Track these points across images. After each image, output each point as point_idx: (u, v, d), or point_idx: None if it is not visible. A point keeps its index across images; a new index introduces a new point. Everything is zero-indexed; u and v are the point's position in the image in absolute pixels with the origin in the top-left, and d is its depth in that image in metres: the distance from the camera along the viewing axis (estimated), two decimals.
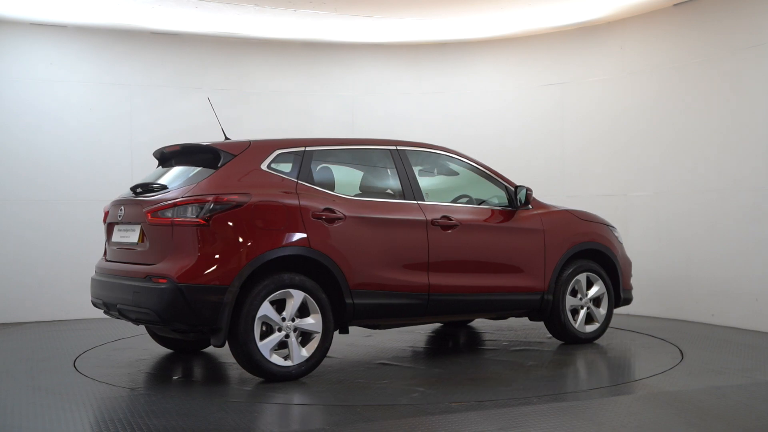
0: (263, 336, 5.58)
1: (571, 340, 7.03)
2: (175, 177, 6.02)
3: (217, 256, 5.46)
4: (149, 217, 5.63)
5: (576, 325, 7.01)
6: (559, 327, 6.98)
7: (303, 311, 5.72)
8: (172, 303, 5.39)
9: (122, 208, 6.05)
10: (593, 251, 7.13)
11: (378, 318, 6.18)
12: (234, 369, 6.22)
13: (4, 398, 5.37)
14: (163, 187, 5.87)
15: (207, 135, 6.95)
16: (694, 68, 8.48)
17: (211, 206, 5.50)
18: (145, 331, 6.91)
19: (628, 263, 7.46)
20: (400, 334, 7.76)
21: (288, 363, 5.64)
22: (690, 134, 8.51)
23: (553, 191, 9.24)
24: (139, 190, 6.02)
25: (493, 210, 6.78)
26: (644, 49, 9.09)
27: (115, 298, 5.88)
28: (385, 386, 5.63)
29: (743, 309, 7.88)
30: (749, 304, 7.82)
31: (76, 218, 9.08)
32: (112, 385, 5.73)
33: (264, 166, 5.86)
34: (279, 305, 5.65)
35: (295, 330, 5.67)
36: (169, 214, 5.55)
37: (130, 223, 5.95)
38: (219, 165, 5.79)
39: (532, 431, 4.46)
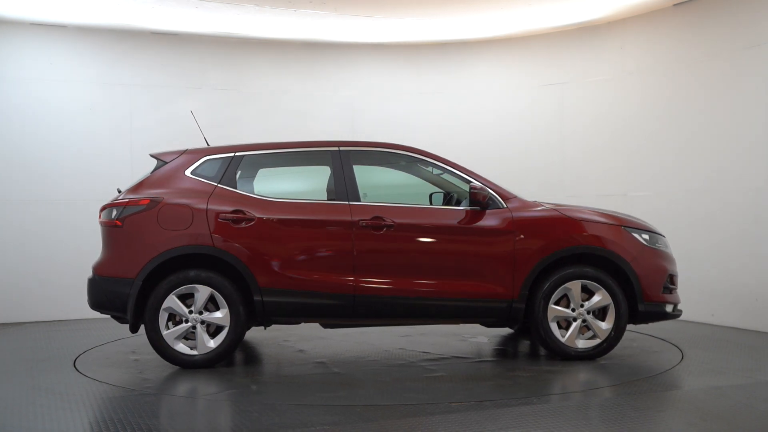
0: (173, 326, 6.19)
1: (560, 355, 6.35)
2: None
3: (127, 253, 6.21)
4: (99, 218, 6.44)
5: (564, 339, 6.31)
6: (541, 340, 6.36)
7: (215, 305, 6.22)
8: (94, 292, 6.33)
9: None
10: (596, 256, 6.39)
11: (295, 316, 6.37)
12: (235, 369, 6.24)
13: (4, 398, 5.38)
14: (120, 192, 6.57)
15: (206, 135, 6.99)
16: (694, 68, 8.48)
17: (125, 209, 6.23)
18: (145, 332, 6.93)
19: (658, 271, 6.47)
20: (427, 336, 7.75)
21: (194, 352, 6.18)
22: (690, 134, 8.52)
23: (553, 191, 9.24)
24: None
25: (446, 210, 6.43)
26: (644, 49, 9.09)
27: None
28: (385, 386, 5.64)
29: (743, 309, 7.88)
30: (749, 304, 7.82)
31: (76, 218, 9.07)
32: (112, 385, 5.74)
33: (188, 172, 6.39)
34: (191, 299, 6.21)
35: (203, 322, 6.17)
36: (103, 215, 6.37)
37: None
38: (152, 172, 6.46)
39: (532, 431, 4.47)
